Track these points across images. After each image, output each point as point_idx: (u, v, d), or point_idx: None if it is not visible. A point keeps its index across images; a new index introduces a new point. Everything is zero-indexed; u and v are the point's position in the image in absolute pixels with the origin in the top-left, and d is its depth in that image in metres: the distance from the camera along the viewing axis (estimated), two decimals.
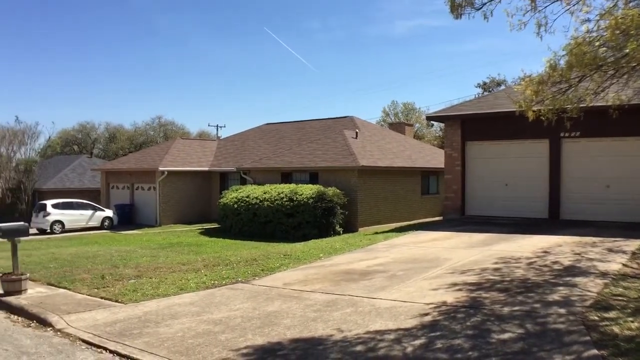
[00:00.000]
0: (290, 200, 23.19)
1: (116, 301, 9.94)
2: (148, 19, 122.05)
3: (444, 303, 8.40)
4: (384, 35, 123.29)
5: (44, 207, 31.09)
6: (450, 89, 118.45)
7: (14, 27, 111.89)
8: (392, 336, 6.89)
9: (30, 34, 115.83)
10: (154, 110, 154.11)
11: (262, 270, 12.52)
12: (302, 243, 18.81)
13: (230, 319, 8.19)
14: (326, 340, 6.94)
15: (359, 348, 6.54)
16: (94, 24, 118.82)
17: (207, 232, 25.98)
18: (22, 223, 12.29)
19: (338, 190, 23.96)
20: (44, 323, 8.78)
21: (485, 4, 9.72)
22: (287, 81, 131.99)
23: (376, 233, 19.70)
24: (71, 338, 7.84)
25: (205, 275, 12.20)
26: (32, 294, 10.96)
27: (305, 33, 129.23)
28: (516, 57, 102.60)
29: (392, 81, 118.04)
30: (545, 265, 11.22)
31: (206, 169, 34.15)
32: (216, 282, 11.33)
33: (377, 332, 7.13)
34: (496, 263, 11.68)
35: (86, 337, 7.74)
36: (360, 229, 24.19)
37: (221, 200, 26.55)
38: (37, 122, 51.52)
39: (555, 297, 8.50)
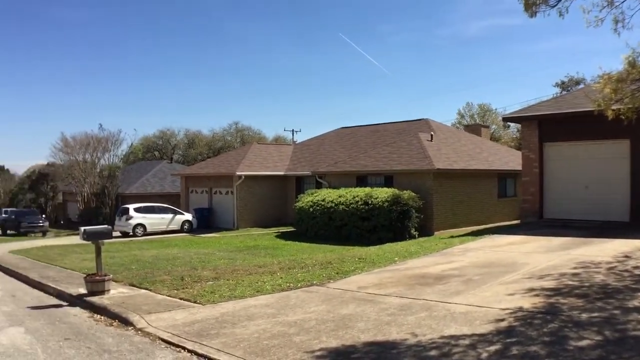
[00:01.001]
0: (366, 203, 23.15)
1: (195, 302, 10.22)
2: (226, 27, 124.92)
3: (520, 309, 8.19)
4: (457, 36, 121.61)
5: (127, 211, 32.25)
6: (527, 89, 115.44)
7: (103, 42, 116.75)
8: (466, 341, 6.79)
9: (116, 45, 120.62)
10: (232, 116, 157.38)
11: (337, 273, 12.57)
12: (377, 246, 18.74)
13: (305, 321, 8.28)
14: (400, 344, 6.90)
15: (432, 353, 6.48)
16: (173, 32, 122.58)
17: (283, 236, 26.29)
18: (105, 226, 12.82)
19: (413, 194, 23.73)
20: (125, 322, 9.13)
21: (560, 0, 9.45)
22: (362, 85, 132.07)
23: (452, 237, 19.42)
24: (151, 337, 8.12)
25: (281, 277, 12.37)
26: (115, 294, 11.40)
27: (378, 36, 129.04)
28: (595, 54, 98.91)
29: (466, 82, 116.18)
30: (626, 271, 10.77)
31: (282, 173, 34.58)
32: (291, 284, 11.47)
33: (451, 337, 7.03)
34: (575, 268, 11.30)
35: (165, 336, 7.99)
36: (435, 233, 23.88)
37: (297, 204, 26.81)
38: (119, 130, 53.75)
39: (635, 303, 8.15)
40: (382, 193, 23.26)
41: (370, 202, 23.03)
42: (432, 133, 29.76)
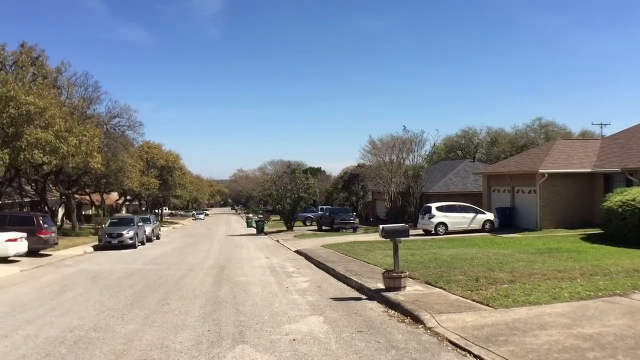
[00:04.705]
0: None
1: (487, 305, 10.03)
2: (521, 20, 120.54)
3: None
4: None
5: (429, 209, 33.02)
6: None
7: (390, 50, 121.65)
8: None
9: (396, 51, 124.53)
10: (535, 112, 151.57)
11: None
12: None
13: (602, 336, 7.57)
14: None
15: None
16: (460, 30, 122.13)
17: (589, 238, 24.38)
18: (403, 225, 13.27)
19: None
20: (416, 320, 9.34)
21: None
22: None
23: None
24: (439, 337, 8.18)
25: (581, 285, 11.49)
26: (410, 291, 11.74)
27: None
28: None
29: None
30: None
31: (588, 170, 32.03)
32: (591, 293, 10.60)
33: None
34: None
35: (453, 338, 7.97)
36: None
37: (604, 203, 24.60)
38: (422, 131, 55.05)
39: None
40: None
41: None
42: None
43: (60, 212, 51.27)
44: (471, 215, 32.90)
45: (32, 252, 23.11)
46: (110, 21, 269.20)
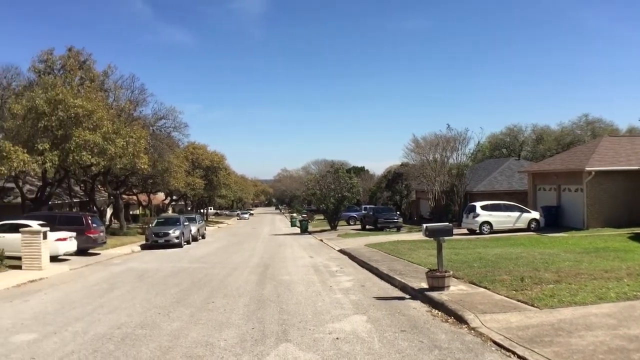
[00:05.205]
0: None
1: (532, 305, 9.92)
2: (567, 16, 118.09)
3: None
4: None
5: (474, 208, 32.64)
6: None
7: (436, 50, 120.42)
8: None
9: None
10: (581, 108, 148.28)
11: None
12: None
13: None
14: None
15: None
16: (503, 27, 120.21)
17: (636, 237, 23.70)
18: (446, 224, 13.21)
19: None
20: (460, 320, 9.30)
21: None
22: None
23: None
24: (483, 338, 8.13)
25: (628, 285, 11.28)
26: (454, 291, 11.69)
27: None
28: None
29: None
30: None
31: (636, 167, 31.15)
32: (638, 293, 10.45)
33: None
34: None
35: (497, 338, 7.92)
36: None
37: None
38: (466, 129, 54.55)
39: None
40: None
41: None
42: None
43: (109, 212, 52.46)
44: (516, 214, 32.39)
45: (81, 251, 23.76)
46: (156, 24, 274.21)
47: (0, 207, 37.64)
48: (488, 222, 31.72)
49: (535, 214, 32.77)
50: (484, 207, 32.43)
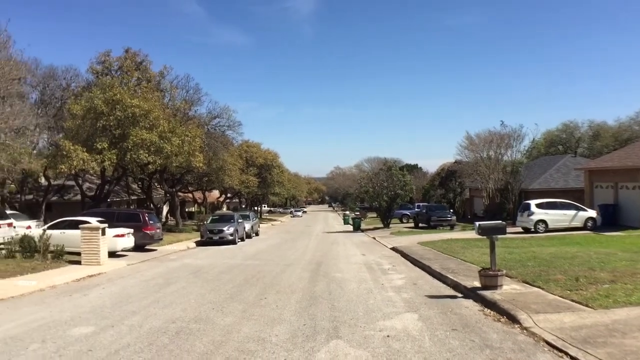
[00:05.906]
0: None
1: (586, 305, 9.78)
2: (622, 12, 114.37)
3: None
4: None
5: (528, 206, 32.04)
6: None
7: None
8: None
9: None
10: (639, 104, 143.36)
11: None
12: None
13: None
14: None
15: None
16: (558, 23, 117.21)
17: None
18: (499, 222, 13.08)
19: None
20: (512, 320, 9.24)
21: None
22: None
23: None
24: (535, 338, 8.07)
25: None
26: (506, 290, 11.58)
27: None
28: None
29: None
30: None
31: None
32: None
33: None
34: None
35: (550, 338, 7.85)
36: None
37: None
38: (521, 125, 53.26)
39: None
40: None
41: None
42: None
43: (165, 209, 53.69)
44: (572, 212, 31.63)
45: (138, 247, 24.41)
46: (209, 25, 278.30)
47: (60, 204, 39.11)
48: (543, 221, 31.08)
49: (592, 213, 31.95)
50: (539, 205, 31.80)
